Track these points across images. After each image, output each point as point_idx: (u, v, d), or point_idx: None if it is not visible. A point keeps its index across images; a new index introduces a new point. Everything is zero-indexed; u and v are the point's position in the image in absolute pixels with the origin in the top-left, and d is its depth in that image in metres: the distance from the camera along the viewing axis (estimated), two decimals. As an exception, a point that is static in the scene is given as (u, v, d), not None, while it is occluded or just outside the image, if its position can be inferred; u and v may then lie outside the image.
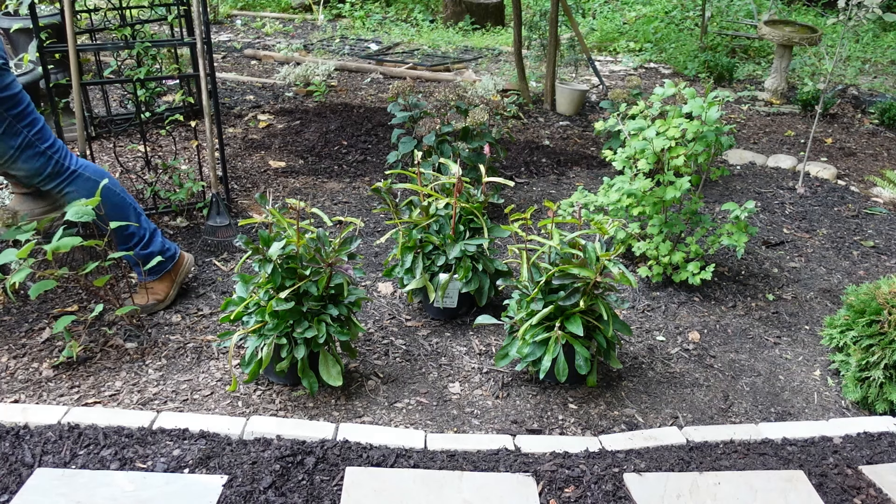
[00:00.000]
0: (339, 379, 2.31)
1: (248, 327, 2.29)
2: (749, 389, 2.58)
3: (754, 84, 6.20)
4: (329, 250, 2.28)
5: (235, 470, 1.99)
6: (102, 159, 3.96)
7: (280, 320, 2.24)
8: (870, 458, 2.21)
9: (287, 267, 2.25)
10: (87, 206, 2.43)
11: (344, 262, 2.27)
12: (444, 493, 1.96)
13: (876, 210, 4.01)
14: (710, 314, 3.00)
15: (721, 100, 2.94)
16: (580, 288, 2.33)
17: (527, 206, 3.77)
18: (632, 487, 2.02)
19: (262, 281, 2.27)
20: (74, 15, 3.47)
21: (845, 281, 3.28)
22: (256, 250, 2.22)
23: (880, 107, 5.40)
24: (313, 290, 2.25)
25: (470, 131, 3.53)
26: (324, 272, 2.26)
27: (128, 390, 2.36)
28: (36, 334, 2.60)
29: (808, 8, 8.55)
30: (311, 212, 2.40)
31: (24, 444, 2.03)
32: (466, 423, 2.32)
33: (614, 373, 2.61)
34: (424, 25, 7.87)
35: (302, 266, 2.26)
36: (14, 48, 4.09)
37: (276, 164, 4.14)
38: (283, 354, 2.28)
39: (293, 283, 2.24)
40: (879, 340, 2.45)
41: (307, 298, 2.26)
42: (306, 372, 2.29)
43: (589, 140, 4.78)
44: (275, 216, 2.25)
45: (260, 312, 2.28)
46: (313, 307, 2.27)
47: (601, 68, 6.45)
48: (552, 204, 2.46)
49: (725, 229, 3.03)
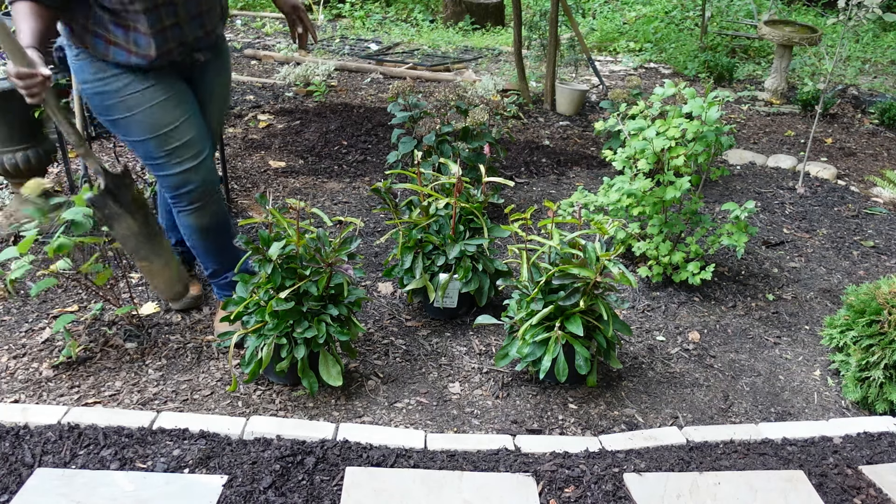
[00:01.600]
0: (339, 379, 2.31)
1: (248, 327, 2.29)
2: (749, 389, 2.58)
3: (754, 84, 6.20)
4: (329, 250, 2.28)
5: (235, 470, 1.99)
6: (102, 159, 3.96)
7: (280, 320, 2.24)
8: (870, 458, 2.21)
9: (287, 267, 2.25)
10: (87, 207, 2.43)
11: (344, 262, 2.27)
12: (444, 493, 1.96)
13: (876, 210, 4.01)
14: (710, 314, 3.00)
15: (721, 100, 2.94)
16: (580, 288, 2.33)
17: (527, 206, 3.77)
18: (632, 487, 2.02)
19: (261, 281, 2.27)
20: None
21: (845, 281, 3.28)
22: (256, 250, 2.23)
23: (880, 107, 5.40)
24: (313, 290, 2.25)
25: (470, 131, 3.53)
26: (324, 272, 2.26)
27: (128, 390, 2.36)
28: (36, 334, 2.60)
29: (808, 8, 8.55)
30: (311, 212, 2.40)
31: (24, 444, 2.03)
32: (466, 423, 2.32)
33: (614, 373, 2.61)
34: (424, 25, 7.87)
35: (302, 266, 2.26)
36: (14, 48, 4.09)
37: (276, 164, 4.14)
38: (283, 354, 2.28)
39: (293, 283, 2.24)
40: (879, 340, 2.45)
41: (307, 298, 2.26)
42: (306, 372, 2.29)
43: (589, 140, 4.78)
44: (275, 216, 2.25)
45: (260, 312, 2.28)
46: (313, 307, 2.27)
47: (601, 68, 6.45)
48: (552, 204, 2.46)
49: (725, 229, 3.03)
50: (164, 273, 2.33)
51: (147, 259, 2.28)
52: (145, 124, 2.25)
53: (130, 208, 2.25)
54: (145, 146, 2.29)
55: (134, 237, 2.26)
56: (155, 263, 2.30)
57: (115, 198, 2.22)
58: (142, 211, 2.30)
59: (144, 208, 2.31)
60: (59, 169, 3.86)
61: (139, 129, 2.26)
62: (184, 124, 2.30)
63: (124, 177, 2.26)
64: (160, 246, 2.32)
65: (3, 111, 3.10)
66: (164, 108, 2.25)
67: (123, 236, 2.25)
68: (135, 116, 2.24)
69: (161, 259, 2.32)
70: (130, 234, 2.26)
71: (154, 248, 2.30)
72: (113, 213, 2.22)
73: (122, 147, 4.08)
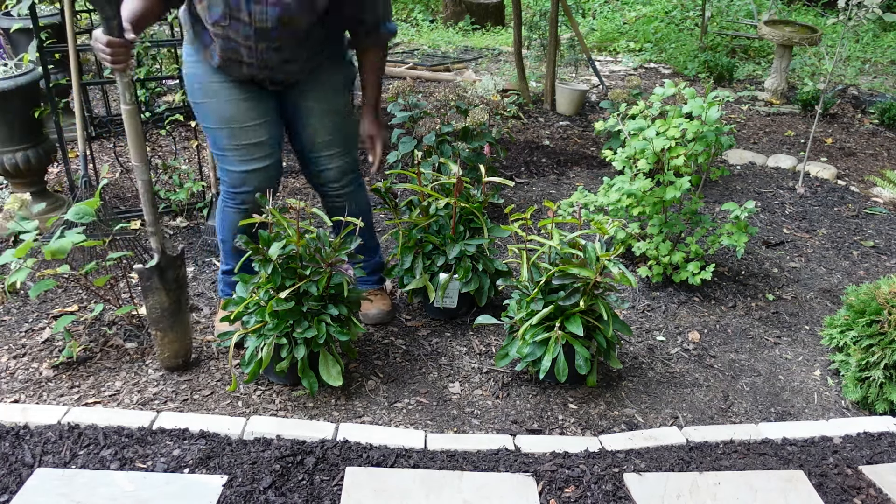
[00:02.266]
0: (339, 379, 2.31)
1: (248, 327, 2.29)
2: (749, 389, 2.59)
3: (754, 84, 6.20)
4: (329, 250, 2.28)
5: (235, 470, 1.99)
6: (102, 159, 3.97)
7: (280, 320, 2.24)
8: (870, 458, 2.21)
9: (287, 267, 2.25)
10: (87, 207, 2.43)
11: (344, 262, 2.27)
12: (444, 493, 1.96)
13: (876, 210, 4.01)
14: (710, 314, 3.00)
15: (721, 100, 2.94)
16: (580, 288, 2.33)
17: (527, 206, 3.77)
18: (632, 487, 2.02)
19: (261, 281, 2.27)
20: (74, 15, 3.48)
21: (845, 281, 3.28)
22: (256, 250, 2.23)
23: (880, 107, 5.40)
24: (313, 290, 2.25)
25: (470, 131, 3.53)
26: (324, 272, 2.26)
27: (128, 390, 2.36)
28: (36, 334, 2.60)
29: (808, 8, 8.55)
30: (311, 211, 2.40)
31: (24, 444, 2.03)
32: (466, 423, 2.32)
33: (614, 373, 2.61)
34: (424, 25, 7.87)
35: (302, 266, 2.26)
36: (14, 48, 4.09)
37: (276, 164, 4.14)
38: (283, 354, 2.28)
39: (293, 283, 2.24)
40: (879, 340, 2.45)
41: (307, 298, 2.26)
42: (306, 372, 2.29)
43: (589, 140, 4.78)
44: (275, 216, 2.25)
45: (260, 312, 2.28)
46: (313, 307, 2.27)
47: (601, 68, 6.45)
48: (552, 204, 2.46)
49: (725, 229, 3.03)
50: (172, 346, 2.42)
51: (163, 331, 2.39)
52: (218, 115, 2.34)
53: (170, 286, 2.35)
54: (215, 135, 2.37)
55: (161, 311, 2.36)
56: (168, 336, 2.40)
57: (161, 275, 2.32)
58: (178, 291, 2.38)
59: (182, 289, 2.40)
60: (59, 169, 3.86)
61: (213, 117, 2.35)
62: (257, 127, 2.36)
63: (176, 259, 2.36)
64: (179, 324, 2.41)
65: (3, 111, 3.10)
66: (240, 107, 2.33)
67: (152, 307, 2.35)
68: (211, 104, 2.33)
69: (175, 335, 2.41)
70: (159, 308, 2.35)
71: (174, 324, 2.39)
72: (153, 287, 2.32)
73: (121, 147, 4.08)
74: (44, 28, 3.19)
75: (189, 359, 2.47)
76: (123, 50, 2.04)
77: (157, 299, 2.33)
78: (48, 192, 3.44)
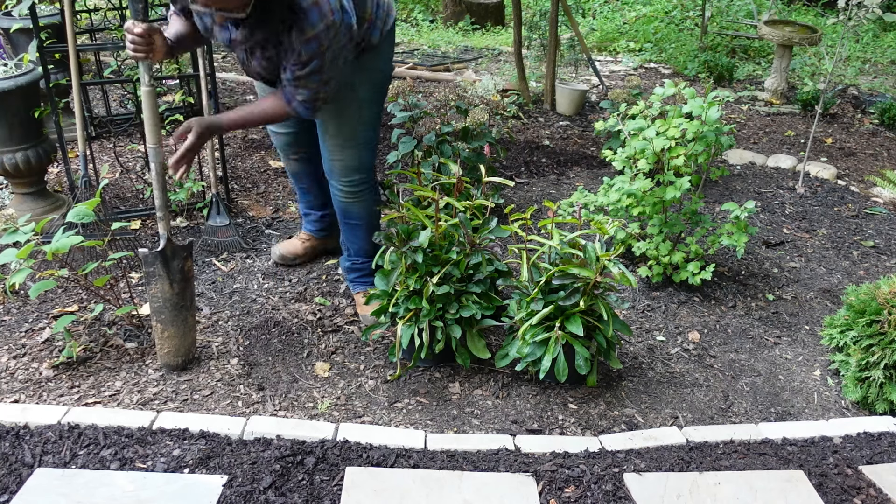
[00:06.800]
0: (486, 351, 2.47)
1: (399, 317, 2.41)
2: (749, 389, 2.59)
3: (754, 84, 6.20)
4: (472, 232, 2.44)
5: (235, 470, 1.99)
6: (102, 159, 3.96)
7: (432, 305, 2.36)
8: (870, 458, 2.21)
9: (432, 254, 2.38)
10: (86, 208, 2.43)
11: (490, 241, 2.43)
12: (444, 493, 1.96)
13: (876, 210, 4.01)
14: (710, 314, 3.00)
15: (721, 100, 2.94)
16: (580, 288, 2.33)
17: (527, 206, 3.77)
18: (632, 487, 2.02)
19: (403, 270, 2.37)
20: (74, 15, 3.48)
21: (845, 281, 3.28)
22: (397, 242, 2.35)
23: (880, 107, 5.40)
24: (455, 273, 2.40)
25: (470, 131, 3.53)
26: (465, 254, 2.42)
27: (128, 390, 2.36)
28: (36, 334, 2.60)
29: (808, 8, 8.55)
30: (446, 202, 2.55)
31: (24, 444, 2.03)
32: (466, 423, 2.32)
33: (614, 373, 2.61)
34: (424, 25, 7.87)
35: (444, 251, 2.40)
36: (14, 48, 4.09)
37: (276, 163, 4.14)
38: (438, 336, 2.39)
39: (439, 268, 2.36)
40: (879, 340, 2.45)
41: (451, 281, 2.40)
42: (460, 349, 2.43)
43: (589, 140, 4.78)
44: (410, 209, 2.44)
45: (414, 300, 2.38)
46: (458, 288, 2.41)
47: (601, 68, 6.45)
48: (552, 204, 2.46)
49: (725, 229, 3.03)
50: (172, 342, 2.41)
51: (164, 324, 2.37)
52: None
53: (174, 276, 2.34)
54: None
55: (162, 301, 2.35)
56: (168, 331, 2.39)
57: (165, 262, 2.31)
58: (182, 283, 2.37)
59: (187, 282, 2.39)
60: (59, 169, 3.86)
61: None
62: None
63: (183, 249, 2.35)
64: (182, 320, 2.40)
65: (3, 111, 3.10)
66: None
67: (154, 296, 2.34)
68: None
69: (176, 330, 2.40)
70: (161, 297, 2.34)
71: (176, 318, 2.38)
72: (155, 274, 2.32)
73: (121, 147, 4.08)
74: (44, 28, 3.19)
75: (190, 360, 2.47)
76: (144, 40, 2.14)
77: (159, 287, 2.31)
78: (48, 192, 3.44)
